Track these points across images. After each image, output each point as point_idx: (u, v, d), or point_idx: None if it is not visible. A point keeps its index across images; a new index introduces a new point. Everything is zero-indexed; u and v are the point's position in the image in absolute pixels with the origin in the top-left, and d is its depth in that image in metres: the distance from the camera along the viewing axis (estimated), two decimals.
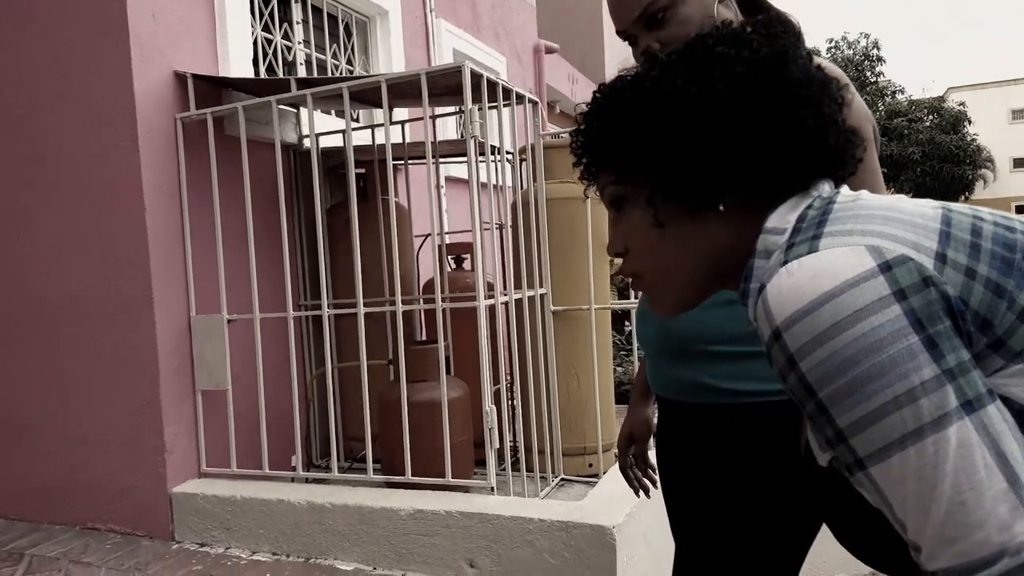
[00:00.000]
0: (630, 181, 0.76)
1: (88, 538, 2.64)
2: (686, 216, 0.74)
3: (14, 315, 2.76)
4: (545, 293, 2.71)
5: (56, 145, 2.63)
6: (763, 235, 0.71)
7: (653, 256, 0.77)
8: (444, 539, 2.19)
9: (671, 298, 0.80)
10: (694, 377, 1.21)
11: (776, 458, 1.16)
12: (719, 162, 0.70)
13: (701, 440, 1.24)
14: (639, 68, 0.78)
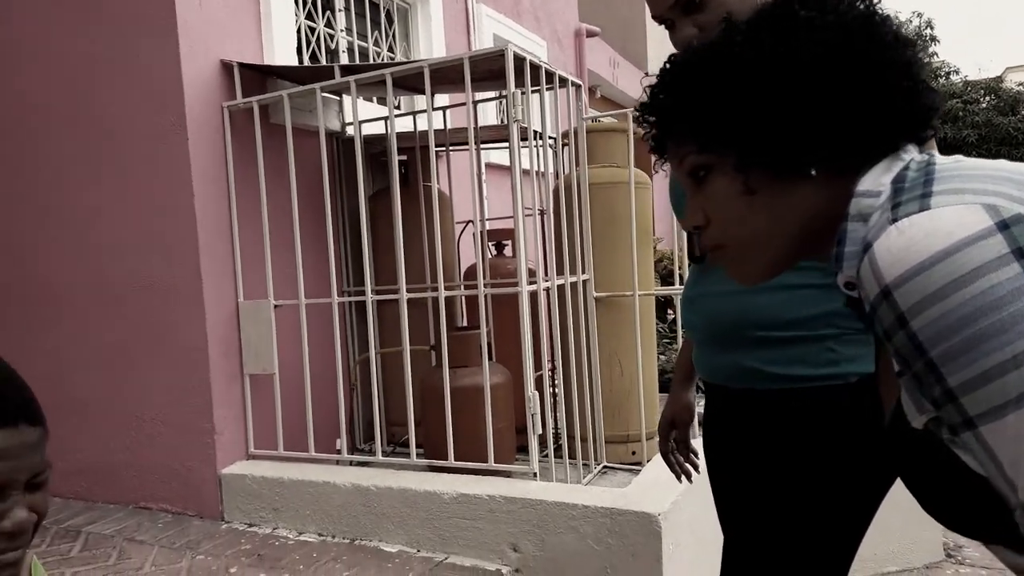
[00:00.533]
0: (716, 149, 0.75)
1: (141, 517, 2.72)
2: (776, 182, 0.73)
3: (78, 295, 2.83)
4: (588, 279, 2.69)
5: (113, 131, 2.69)
6: (856, 198, 0.70)
7: (743, 224, 0.76)
8: (487, 523, 2.20)
9: (759, 266, 0.79)
10: (744, 363, 1.19)
11: (827, 443, 1.14)
12: (811, 126, 0.70)
13: (751, 426, 1.21)
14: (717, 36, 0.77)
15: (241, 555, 2.34)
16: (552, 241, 2.54)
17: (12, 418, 0.75)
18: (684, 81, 0.77)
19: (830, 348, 1.12)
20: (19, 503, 0.76)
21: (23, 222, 2.90)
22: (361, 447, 3.15)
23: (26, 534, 0.78)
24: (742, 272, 0.80)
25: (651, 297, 2.85)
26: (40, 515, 0.80)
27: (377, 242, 2.96)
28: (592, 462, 2.68)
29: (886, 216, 0.65)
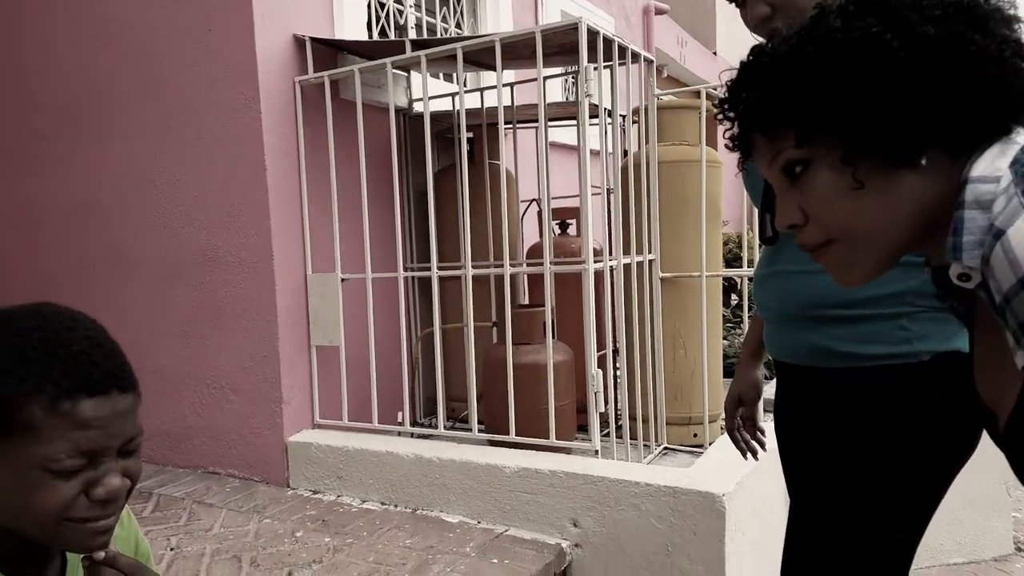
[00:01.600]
0: (817, 142, 0.72)
1: (209, 481, 2.81)
2: (883, 174, 0.70)
3: (152, 266, 2.93)
4: (654, 259, 2.66)
5: (187, 104, 2.77)
6: (971, 185, 0.66)
7: (852, 220, 0.72)
8: (548, 497, 2.21)
9: (868, 264, 0.75)
10: (816, 341, 1.18)
11: (899, 422, 1.12)
12: (925, 112, 0.67)
13: (823, 405, 1.21)
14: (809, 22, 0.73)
15: (306, 520, 2.40)
16: (619, 220, 2.52)
17: (104, 386, 0.75)
18: (780, 72, 0.73)
19: (903, 326, 1.11)
20: (112, 470, 0.77)
21: (101, 193, 3.01)
22: (422, 421, 3.20)
23: (120, 500, 0.79)
24: (848, 272, 0.76)
25: (718, 279, 2.80)
26: (133, 480, 0.81)
27: (441, 219, 2.98)
28: (653, 443, 2.66)
29: (1016, 201, 0.61)
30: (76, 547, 0.78)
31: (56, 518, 0.74)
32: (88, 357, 0.76)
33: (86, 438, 0.73)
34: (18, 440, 0.72)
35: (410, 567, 2.05)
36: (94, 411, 0.74)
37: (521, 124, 3.35)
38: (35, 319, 0.77)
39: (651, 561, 2.05)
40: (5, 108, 3.26)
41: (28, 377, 0.72)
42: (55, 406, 0.72)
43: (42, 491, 0.73)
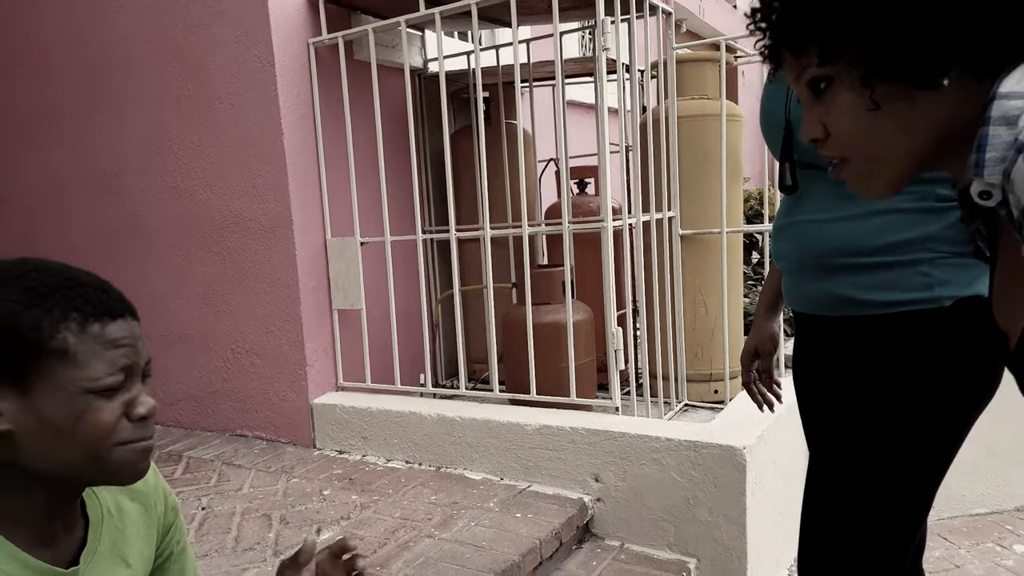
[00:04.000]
0: (839, 61, 0.71)
1: (237, 443, 2.87)
2: (902, 96, 0.69)
3: (173, 232, 2.96)
4: (674, 216, 2.64)
5: (202, 68, 2.76)
6: (998, 101, 0.65)
7: (867, 140, 0.72)
8: (570, 454, 2.23)
9: (884, 181, 0.75)
10: (835, 290, 1.17)
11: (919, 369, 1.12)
12: (947, 33, 0.65)
13: (841, 354, 1.20)
14: None
15: (333, 479, 2.45)
16: (638, 177, 2.49)
17: (121, 309, 0.79)
18: None
19: (923, 272, 1.10)
20: (144, 391, 0.80)
21: (121, 160, 3.04)
22: (443, 383, 3.23)
23: (153, 420, 0.81)
24: (866, 187, 0.77)
25: (739, 235, 2.78)
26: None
27: (458, 181, 2.97)
28: (673, 400, 2.67)
29: None
30: (128, 471, 0.80)
31: (110, 441, 0.77)
32: (99, 286, 0.80)
33: (119, 355, 0.77)
34: (56, 370, 0.75)
35: (436, 522, 2.09)
36: (120, 331, 0.78)
37: (537, 82, 3.31)
38: (26, 265, 0.79)
39: (672, 514, 2.08)
40: (23, 78, 3.28)
41: (52, 308, 0.75)
42: (85, 330, 0.76)
43: (92, 413, 0.76)
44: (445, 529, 2.04)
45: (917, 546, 1.38)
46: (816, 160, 1.17)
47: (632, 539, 2.15)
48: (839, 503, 1.20)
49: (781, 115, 1.19)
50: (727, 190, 2.56)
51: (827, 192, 1.17)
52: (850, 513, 1.18)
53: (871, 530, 1.17)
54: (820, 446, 1.30)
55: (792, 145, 1.19)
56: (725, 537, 2.00)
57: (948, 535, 2.58)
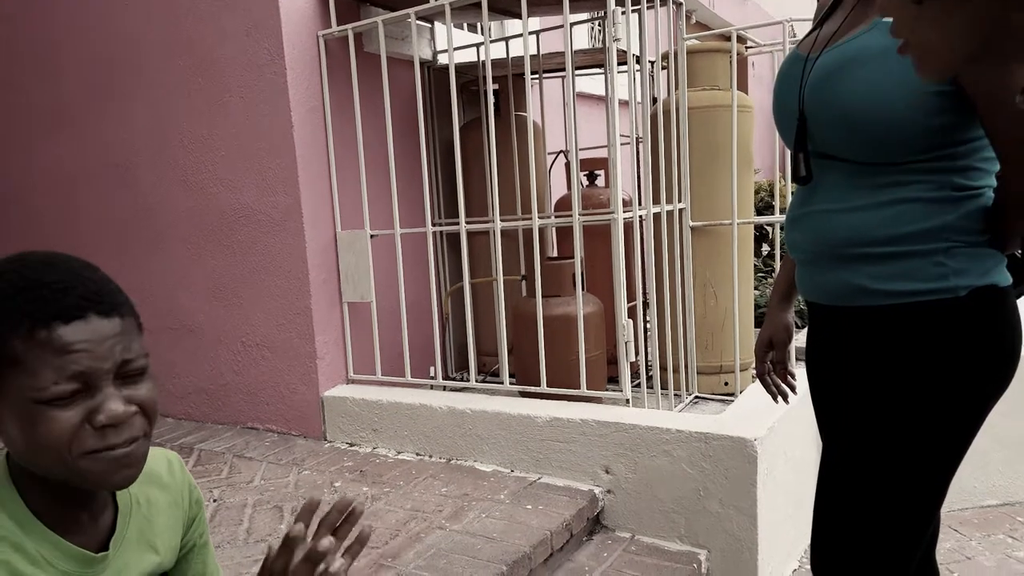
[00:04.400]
0: None
1: (248, 436, 2.88)
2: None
3: (183, 225, 2.97)
4: (684, 208, 2.63)
5: (212, 62, 2.77)
6: None
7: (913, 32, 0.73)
8: (580, 446, 2.23)
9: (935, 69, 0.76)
10: (850, 280, 1.17)
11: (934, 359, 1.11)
12: None
13: (855, 344, 1.20)
14: None
15: (344, 471, 2.46)
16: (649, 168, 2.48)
17: (78, 310, 0.74)
18: None
19: (939, 262, 1.09)
20: (111, 396, 0.75)
21: (131, 154, 3.05)
22: (453, 376, 3.23)
23: (129, 427, 0.76)
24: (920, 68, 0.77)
25: (750, 227, 2.76)
26: (144, 407, 0.78)
27: (468, 173, 2.97)
28: (684, 392, 2.67)
29: None
30: (104, 481, 0.77)
31: (70, 451, 0.74)
32: (60, 286, 0.75)
33: (69, 362, 0.72)
34: (10, 378, 0.73)
35: (446, 513, 2.09)
36: (72, 335, 0.73)
37: (547, 74, 3.30)
38: (15, 263, 0.77)
39: (683, 505, 2.08)
40: (33, 71, 3.29)
41: (4, 314, 0.73)
42: (32, 336, 0.72)
43: (43, 424, 0.73)
44: (456, 521, 2.04)
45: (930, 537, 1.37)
46: (830, 150, 1.16)
47: (643, 531, 2.15)
48: (853, 494, 1.19)
49: (795, 104, 1.19)
50: (738, 181, 2.55)
51: (841, 182, 1.16)
52: (864, 504, 1.18)
53: (884, 521, 1.17)
54: (834, 437, 1.30)
55: (806, 135, 1.18)
56: (736, 528, 2.00)
57: (959, 527, 2.57)
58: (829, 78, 1.13)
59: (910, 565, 1.20)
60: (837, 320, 1.23)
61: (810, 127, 1.17)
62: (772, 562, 2.09)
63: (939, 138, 1.07)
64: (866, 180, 1.13)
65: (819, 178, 1.20)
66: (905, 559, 1.19)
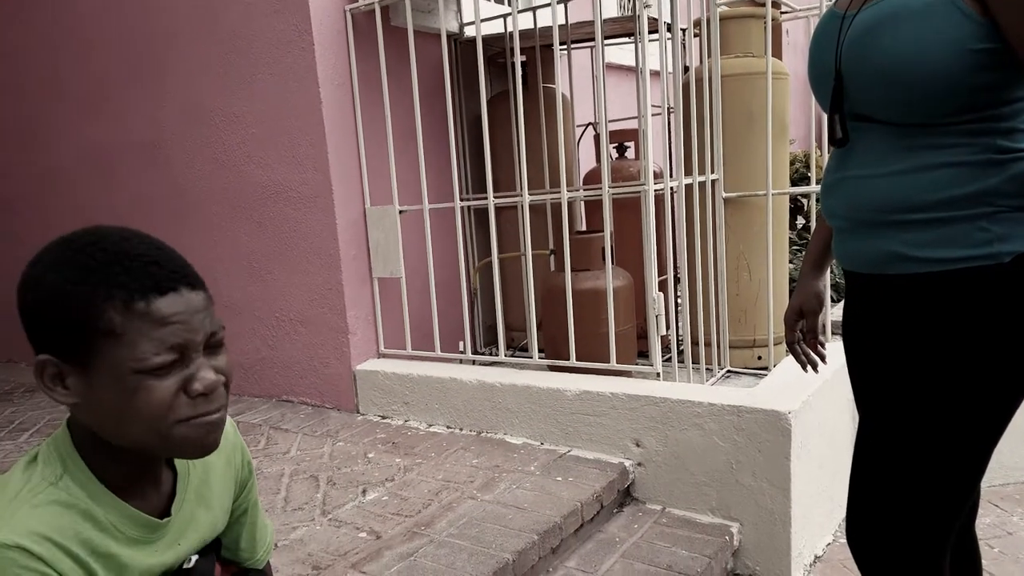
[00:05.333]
0: None
1: (283, 408, 2.93)
2: None
3: (215, 202, 3.01)
4: (717, 179, 2.58)
5: (240, 38, 2.78)
6: None
7: None
8: (610, 419, 2.23)
9: None
10: (888, 247, 1.13)
11: (978, 327, 1.08)
12: None
13: (895, 314, 1.16)
14: None
15: (377, 443, 2.49)
16: (681, 139, 2.44)
17: (171, 283, 0.77)
18: None
19: (983, 227, 1.06)
20: (203, 366, 0.78)
21: (163, 132, 3.08)
22: (481, 351, 3.24)
23: (219, 395, 0.80)
24: None
25: (784, 198, 2.71)
26: (226, 376, 0.82)
27: (496, 147, 2.95)
28: (715, 366, 2.64)
29: None
30: (193, 447, 0.80)
31: (166, 419, 0.77)
32: (149, 259, 0.77)
33: (168, 333, 0.75)
34: (107, 349, 0.74)
35: (477, 484, 2.11)
36: (169, 308, 0.76)
37: (576, 44, 3.25)
38: (92, 236, 0.79)
39: (714, 478, 2.07)
40: (66, 52, 3.34)
41: (97, 286, 0.74)
42: (130, 308, 0.74)
43: (143, 393, 0.75)
44: (487, 491, 2.06)
45: (970, 510, 1.35)
46: (868, 110, 1.12)
47: (674, 503, 2.15)
48: (891, 467, 1.17)
49: (832, 62, 1.15)
50: (773, 151, 2.50)
51: (879, 146, 1.12)
52: (902, 477, 1.16)
53: (923, 494, 1.15)
54: (871, 409, 1.27)
55: (843, 95, 1.15)
56: (769, 502, 1.99)
57: (1000, 502, 2.53)
58: (868, 34, 1.09)
59: (948, 538, 1.18)
60: (875, 289, 1.20)
61: (847, 87, 1.13)
62: (805, 535, 2.08)
63: (982, 97, 1.03)
64: (905, 142, 1.09)
65: (855, 141, 1.17)
66: (944, 532, 1.17)
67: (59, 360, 0.76)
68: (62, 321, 0.75)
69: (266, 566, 1.10)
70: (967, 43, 1.00)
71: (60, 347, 0.76)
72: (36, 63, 3.50)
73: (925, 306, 1.11)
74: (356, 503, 2.04)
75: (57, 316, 0.75)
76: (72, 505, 0.77)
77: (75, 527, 0.76)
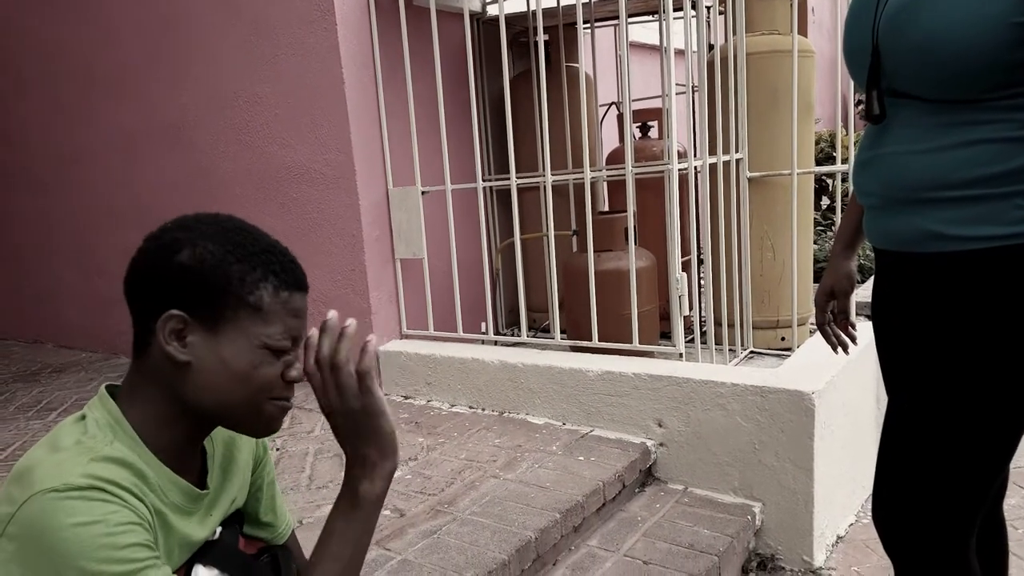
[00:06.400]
0: None
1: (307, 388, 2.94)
2: None
3: (240, 184, 3.03)
4: (741, 158, 2.56)
5: (262, 19, 2.78)
6: None
7: None
8: (632, 399, 2.23)
9: None
10: (923, 225, 1.11)
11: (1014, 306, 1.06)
12: None
13: (928, 293, 1.14)
14: None
15: (400, 422, 2.52)
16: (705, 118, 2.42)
17: (303, 285, 0.89)
18: None
19: (1020, 205, 1.04)
20: (298, 358, 0.89)
21: (186, 114, 3.10)
22: (503, 332, 3.25)
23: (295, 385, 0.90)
24: None
25: (810, 178, 2.68)
26: None
27: (519, 127, 2.94)
28: (739, 347, 2.63)
29: None
30: (267, 424, 0.89)
31: (267, 394, 0.86)
32: (291, 258, 0.89)
33: (294, 325, 0.87)
34: (245, 320, 0.84)
35: (500, 463, 2.13)
36: (299, 303, 0.88)
37: (599, 23, 3.22)
38: (234, 221, 0.89)
39: (737, 458, 2.06)
40: (90, 36, 3.37)
41: (256, 266, 0.85)
42: (278, 294, 0.86)
43: (262, 367, 0.85)
44: (510, 470, 2.08)
45: (998, 491, 1.34)
46: (904, 86, 1.10)
47: (696, 483, 2.16)
48: (920, 446, 1.16)
49: (868, 37, 1.13)
50: (798, 130, 2.47)
51: (916, 122, 1.10)
52: (931, 456, 1.15)
53: (952, 474, 1.14)
54: (900, 388, 1.26)
55: (879, 70, 1.12)
56: (792, 482, 1.98)
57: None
58: (905, 10, 1.07)
59: (976, 518, 1.17)
60: (908, 268, 1.18)
61: (884, 62, 1.11)
62: (828, 515, 2.07)
63: (1022, 73, 1.01)
64: (942, 119, 1.07)
65: (892, 118, 1.14)
66: (971, 512, 1.16)
67: (189, 317, 0.83)
68: (213, 285, 0.83)
69: (291, 539, 1.12)
70: (1008, 16, 0.98)
71: (196, 307, 0.83)
72: (63, 51, 3.53)
73: (960, 285, 1.10)
74: None
75: (212, 279, 0.83)
76: (127, 464, 0.81)
77: (133, 480, 0.80)
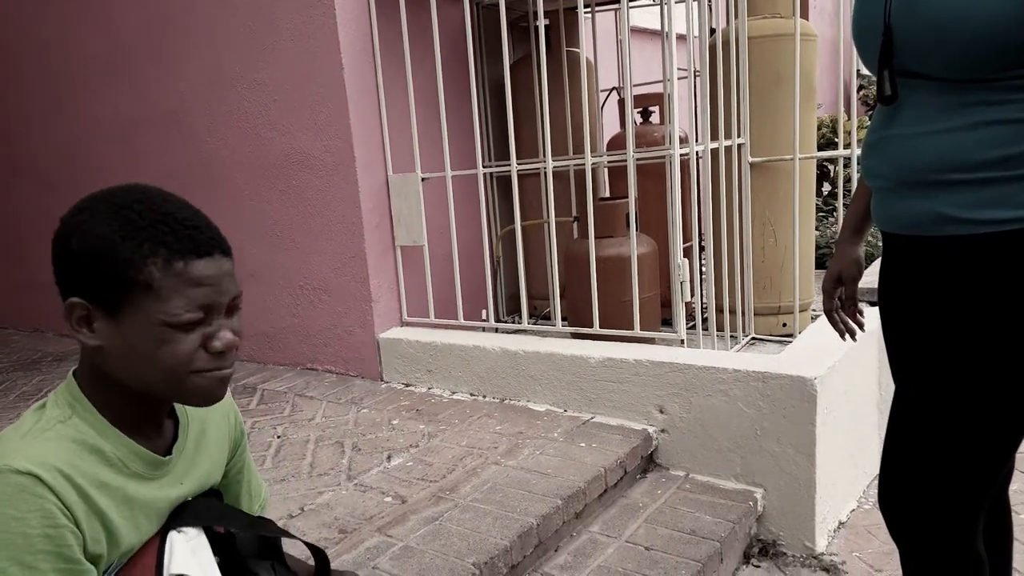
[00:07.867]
0: None
1: (308, 376, 2.96)
2: None
3: (240, 171, 3.02)
4: (743, 143, 2.54)
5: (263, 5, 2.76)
6: None
7: None
8: (634, 386, 2.22)
9: None
10: (932, 208, 1.10)
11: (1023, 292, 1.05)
12: None
13: (938, 277, 1.13)
14: None
15: (401, 410, 2.51)
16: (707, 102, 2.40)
17: (209, 248, 0.83)
18: None
19: None
20: (224, 326, 0.85)
21: (186, 101, 3.09)
22: (504, 319, 3.25)
23: (233, 353, 0.87)
24: None
25: (812, 163, 2.66)
26: (239, 336, 0.88)
27: (519, 113, 2.92)
28: (740, 333, 2.62)
29: None
30: (203, 396, 0.87)
31: (185, 369, 0.83)
32: (192, 223, 0.84)
33: (200, 294, 0.82)
34: (141, 300, 0.81)
35: (501, 450, 2.13)
36: (204, 270, 0.82)
37: (599, 7, 3.20)
38: (135, 194, 0.85)
39: (739, 444, 2.06)
40: (87, 23, 3.34)
41: (143, 242, 0.80)
42: (170, 267, 0.81)
43: (169, 344, 0.82)
44: (511, 457, 2.08)
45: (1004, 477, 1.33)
46: (917, 66, 1.08)
47: (697, 469, 2.16)
48: (927, 432, 1.15)
49: (880, 16, 1.11)
50: (800, 115, 2.45)
51: (928, 102, 1.08)
52: (938, 443, 1.14)
53: (959, 461, 1.13)
54: (908, 374, 1.25)
55: (891, 50, 1.11)
56: (793, 467, 1.98)
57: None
58: None
59: (982, 505, 1.16)
60: (917, 252, 1.16)
61: (896, 41, 1.09)
62: (830, 501, 2.07)
63: None
64: (955, 99, 1.06)
65: (903, 99, 1.12)
66: (978, 499, 1.15)
67: (90, 304, 0.82)
68: (103, 270, 0.80)
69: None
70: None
71: (94, 293, 0.82)
72: (58, 37, 3.51)
73: (971, 269, 1.08)
74: (381, 468, 2.06)
75: (99, 264, 0.80)
76: (80, 441, 0.83)
77: (82, 460, 0.82)
